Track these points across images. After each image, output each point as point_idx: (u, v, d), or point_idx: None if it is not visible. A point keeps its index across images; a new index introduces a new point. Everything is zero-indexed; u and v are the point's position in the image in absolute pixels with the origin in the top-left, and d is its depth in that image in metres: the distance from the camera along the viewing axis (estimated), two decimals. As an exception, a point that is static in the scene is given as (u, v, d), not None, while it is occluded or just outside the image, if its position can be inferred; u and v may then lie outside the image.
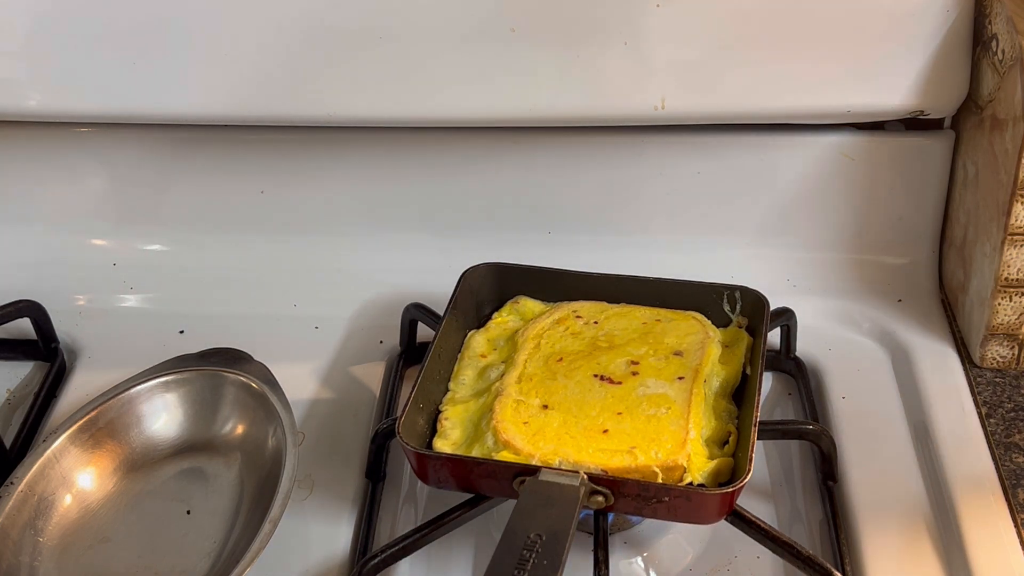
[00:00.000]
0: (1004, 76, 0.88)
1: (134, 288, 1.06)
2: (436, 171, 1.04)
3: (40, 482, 0.80)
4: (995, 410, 0.88)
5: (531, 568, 0.65)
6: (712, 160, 1.01)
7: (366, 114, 0.97)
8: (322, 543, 0.80)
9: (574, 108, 0.95)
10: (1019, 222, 0.87)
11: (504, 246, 0.98)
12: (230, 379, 0.86)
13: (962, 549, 0.76)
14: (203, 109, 0.97)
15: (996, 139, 0.89)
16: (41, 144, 1.04)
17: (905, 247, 1.03)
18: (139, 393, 0.86)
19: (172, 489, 0.83)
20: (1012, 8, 0.87)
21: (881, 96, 0.94)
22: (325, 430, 0.89)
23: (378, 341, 0.98)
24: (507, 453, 0.76)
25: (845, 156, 1.00)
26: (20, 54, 0.96)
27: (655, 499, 0.72)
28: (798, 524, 0.83)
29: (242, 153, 1.04)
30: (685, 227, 1.04)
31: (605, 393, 0.80)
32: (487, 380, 0.84)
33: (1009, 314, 0.90)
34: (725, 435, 0.78)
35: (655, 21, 0.91)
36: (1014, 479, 0.82)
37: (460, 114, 0.96)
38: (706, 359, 0.83)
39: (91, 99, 0.97)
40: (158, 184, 1.06)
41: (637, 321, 0.88)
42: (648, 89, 0.94)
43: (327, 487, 0.84)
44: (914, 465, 0.84)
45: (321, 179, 1.05)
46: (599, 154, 1.02)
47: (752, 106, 0.95)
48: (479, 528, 0.82)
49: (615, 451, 0.75)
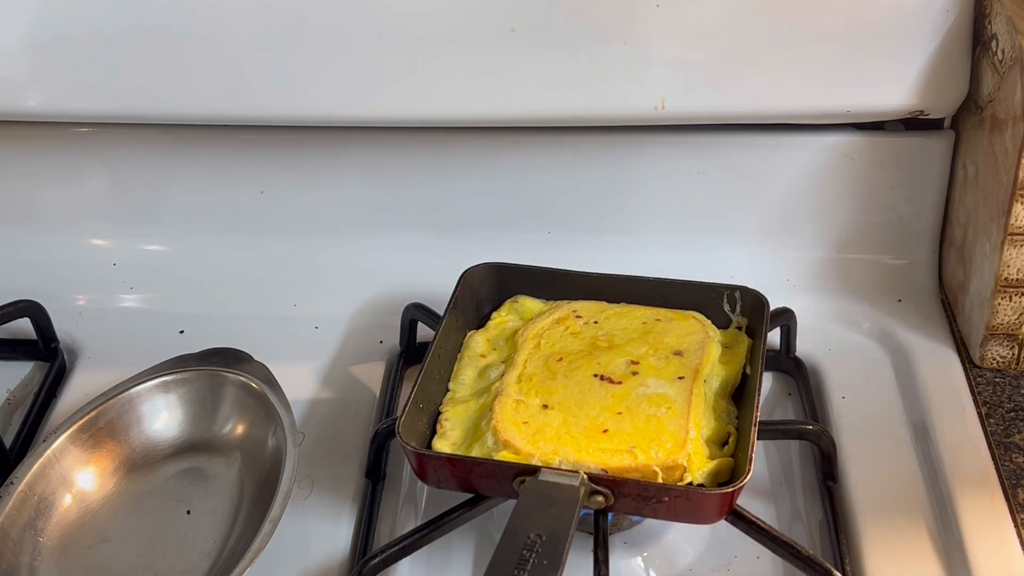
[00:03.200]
0: (1004, 76, 0.88)
1: (134, 288, 1.06)
2: (436, 171, 1.03)
3: (40, 482, 0.80)
4: (995, 410, 0.88)
5: (531, 568, 0.65)
6: (712, 160, 1.01)
7: (366, 114, 0.97)
8: (322, 543, 0.80)
9: (574, 108, 0.95)
10: (1019, 222, 0.87)
11: (504, 246, 0.98)
12: (230, 379, 0.86)
13: (962, 549, 0.76)
14: (203, 109, 0.97)
15: (996, 139, 0.89)
16: (41, 144, 1.04)
17: (905, 247, 1.03)
18: (139, 393, 0.86)
19: (172, 489, 0.83)
20: (1012, 8, 0.87)
21: (881, 96, 0.94)
22: (325, 430, 0.89)
23: (378, 341, 0.98)
24: (507, 453, 0.76)
25: (845, 156, 1.00)
26: (20, 54, 0.95)
27: (655, 499, 0.72)
28: (798, 524, 0.83)
29: (242, 153, 1.04)
30: (685, 227, 1.04)
31: (605, 393, 0.80)
32: (487, 380, 0.84)
33: (1009, 314, 0.90)
34: (725, 435, 0.78)
35: (655, 21, 0.91)
36: (1014, 479, 0.82)
37: (460, 114, 0.96)
38: (706, 359, 0.83)
39: (91, 99, 0.97)
40: (158, 184, 1.06)
41: (637, 321, 0.88)
42: (648, 89, 0.94)
43: (327, 487, 0.84)
44: (914, 465, 0.84)
45: (321, 179, 1.05)
46: (599, 154, 1.02)
47: (752, 106, 0.95)
48: (479, 528, 0.82)
49: (615, 451, 0.75)
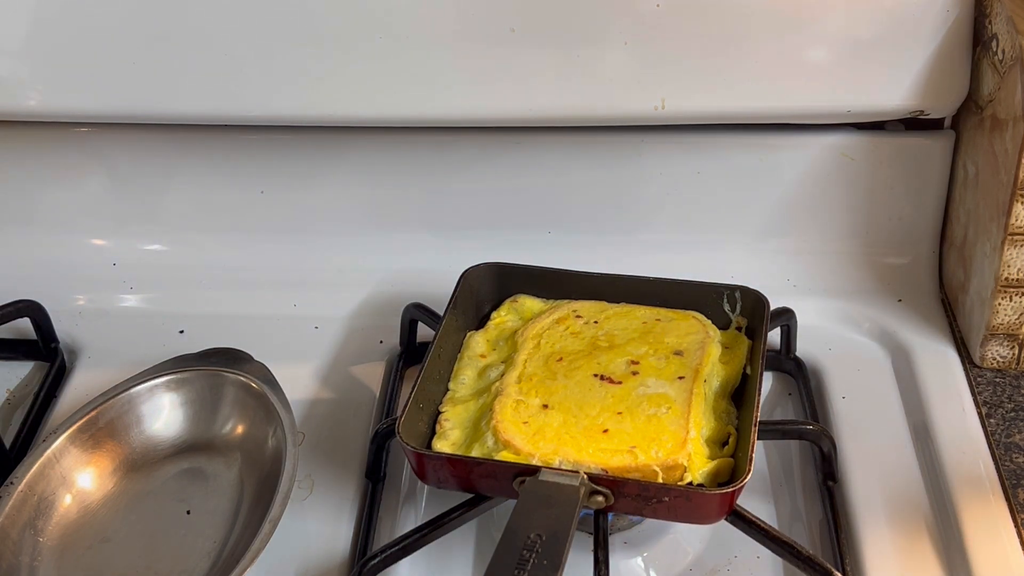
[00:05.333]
0: (1004, 76, 0.88)
1: (134, 288, 1.06)
2: (436, 171, 1.03)
3: (40, 482, 0.80)
4: (995, 410, 0.88)
5: (531, 568, 0.65)
6: (712, 160, 1.01)
7: (366, 114, 0.97)
8: (322, 543, 0.80)
9: (574, 108, 0.95)
10: (1019, 222, 0.86)
11: (504, 246, 0.98)
12: (230, 379, 0.86)
13: (962, 549, 0.76)
14: (203, 109, 0.97)
15: (996, 139, 0.89)
16: (41, 144, 1.04)
17: (905, 247, 1.03)
18: (139, 393, 0.86)
19: (172, 489, 0.83)
20: (1012, 8, 0.87)
21: (881, 96, 0.94)
22: (325, 430, 0.89)
23: (378, 341, 0.98)
24: (507, 453, 0.76)
25: (845, 156, 1.00)
26: (20, 54, 0.95)
27: (655, 499, 0.72)
28: (798, 524, 0.83)
29: (242, 153, 1.04)
30: (685, 227, 1.04)
31: (605, 393, 0.80)
32: (487, 380, 0.84)
33: (1009, 314, 0.90)
34: (725, 435, 0.78)
35: (655, 21, 0.91)
36: (1014, 479, 0.82)
37: (460, 114, 0.96)
38: (706, 359, 0.83)
39: (91, 99, 0.97)
40: (158, 184, 1.06)
41: (637, 321, 0.88)
42: (648, 89, 0.94)
43: (327, 487, 0.84)
44: (914, 465, 0.84)
45: (321, 179, 1.05)
46: (599, 154, 1.02)
47: (752, 106, 0.95)
48: (479, 528, 0.82)
49: (615, 451, 0.75)
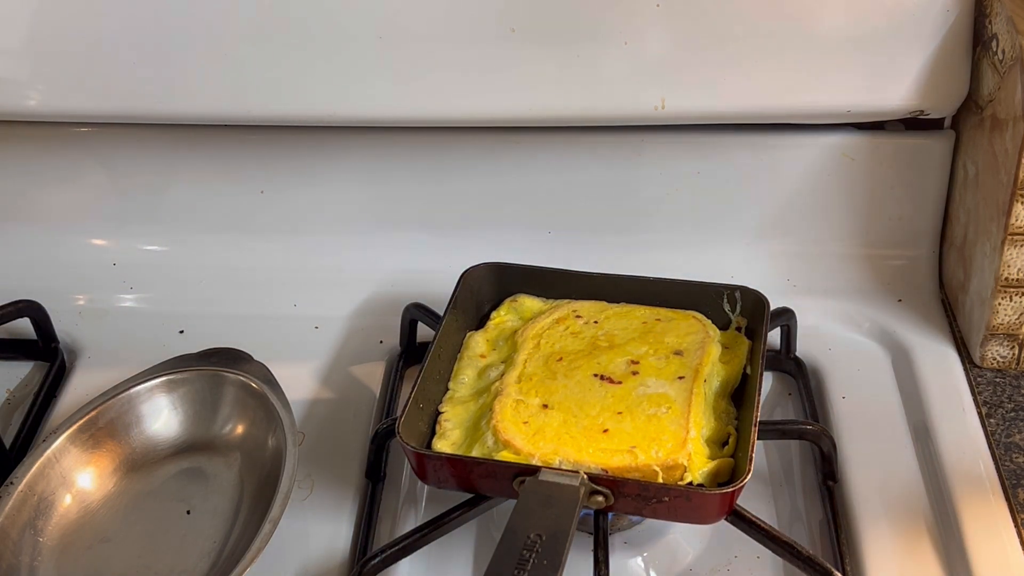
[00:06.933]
0: (1004, 76, 0.88)
1: (134, 288, 1.06)
2: (436, 171, 1.03)
3: (40, 482, 0.80)
4: (995, 410, 0.88)
5: (531, 568, 0.65)
6: (712, 160, 1.01)
7: (366, 114, 0.97)
8: (322, 543, 0.80)
9: (574, 108, 0.95)
10: (1019, 222, 0.86)
11: (504, 246, 0.98)
12: (230, 379, 0.86)
13: (962, 549, 0.76)
14: (203, 109, 0.97)
15: (996, 139, 0.89)
16: (41, 144, 1.04)
17: (905, 247, 1.03)
18: (139, 393, 0.86)
19: (172, 489, 0.83)
20: (1012, 8, 0.87)
21: (881, 96, 0.94)
22: (325, 430, 0.89)
23: (378, 341, 0.98)
24: (507, 453, 0.76)
25: (845, 156, 1.00)
26: (20, 54, 0.95)
27: (655, 499, 0.72)
28: (798, 524, 0.83)
29: (242, 153, 1.04)
30: (685, 227, 1.04)
31: (605, 393, 0.80)
32: (487, 380, 0.84)
33: (1009, 314, 0.90)
34: (725, 435, 0.78)
35: (655, 21, 0.91)
36: (1014, 479, 0.82)
37: (460, 114, 0.96)
38: (706, 359, 0.83)
39: (91, 99, 0.97)
40: (158, 184, 1.06)
41: (637, 321, 0.88)
42: (648, 89, 0.94)
43: (327, 487, 0.84)
44: (914, 465, 0.84)
45: (321, 179, 1.05)
46: (599, 154, 1.02)
47: (752, 106, 0.95)
48: (479, 528, 0.82)
49: (615, 451, 0.75)
